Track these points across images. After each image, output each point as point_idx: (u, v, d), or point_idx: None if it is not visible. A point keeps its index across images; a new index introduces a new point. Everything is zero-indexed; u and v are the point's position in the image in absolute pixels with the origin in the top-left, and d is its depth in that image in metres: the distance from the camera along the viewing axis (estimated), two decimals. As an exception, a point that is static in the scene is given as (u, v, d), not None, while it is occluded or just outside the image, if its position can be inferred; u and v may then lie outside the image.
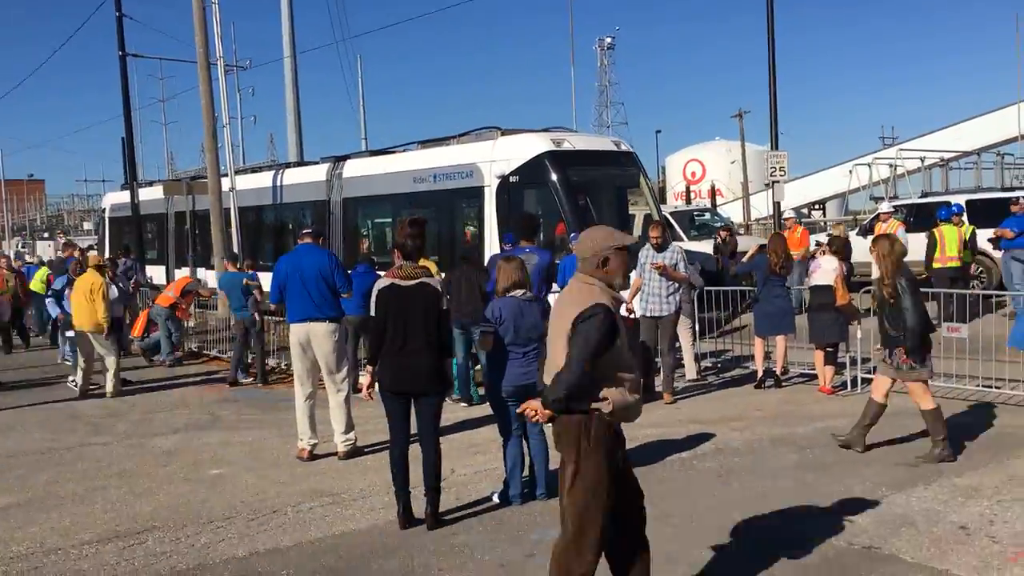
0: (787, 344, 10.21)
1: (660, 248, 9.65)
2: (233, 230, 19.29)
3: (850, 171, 30.43)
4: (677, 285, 9.59)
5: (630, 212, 15.79)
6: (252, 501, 6.56)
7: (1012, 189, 21.63)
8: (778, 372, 10.18)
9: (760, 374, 10.25)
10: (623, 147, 15.59)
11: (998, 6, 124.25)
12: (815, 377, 10.05)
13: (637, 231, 14.63)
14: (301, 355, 7.86)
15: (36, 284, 16.49)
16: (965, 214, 15.14)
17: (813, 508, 5.89)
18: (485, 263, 12.34)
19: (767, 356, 10.49)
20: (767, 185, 22.31)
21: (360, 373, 8.48)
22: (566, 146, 14.44)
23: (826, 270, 9.62)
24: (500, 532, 5.70)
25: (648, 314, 9.64)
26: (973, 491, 6.12)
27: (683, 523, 5.68)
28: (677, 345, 10.37)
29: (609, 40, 74.91)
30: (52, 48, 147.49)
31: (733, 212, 35.08)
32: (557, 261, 10.01)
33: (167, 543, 5.68)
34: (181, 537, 5.78)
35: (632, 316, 9.32)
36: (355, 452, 7.74)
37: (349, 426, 7.76)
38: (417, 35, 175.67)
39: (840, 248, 10.23)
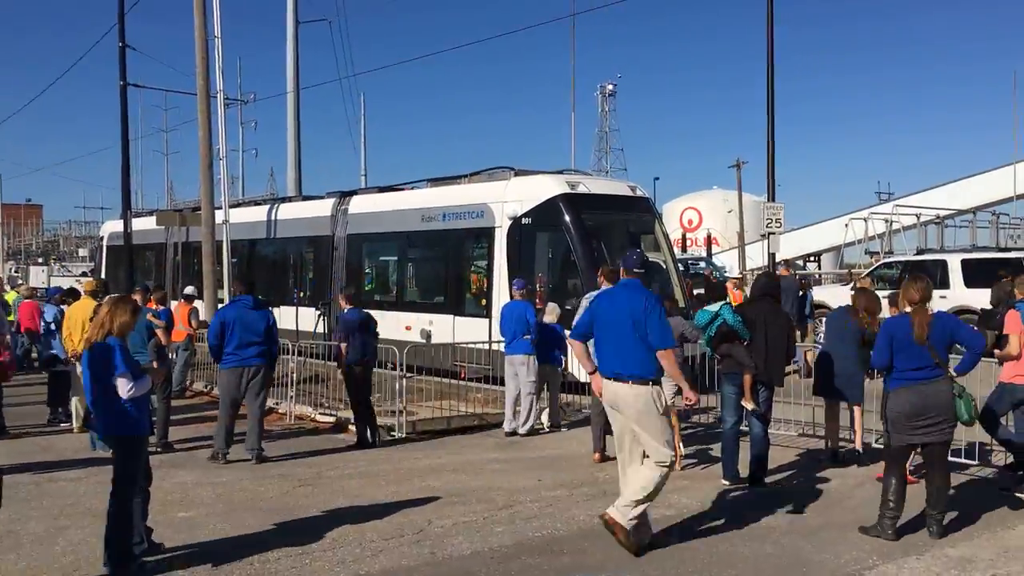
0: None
1: None
2: (224, 263, 19.12)
3: (846, 225, 30.52)
4: None
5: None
6: (219, 546, 6.30)
7: (1007, 249, 21.65)
8: (858, 446, 8.96)
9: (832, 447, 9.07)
10: (639, 192, 15.46)
11: (998, 63, 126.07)
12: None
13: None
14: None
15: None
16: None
17: (800, 576, 5.67)
18: (494, 307, 12.14)
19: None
20: (763, 235, 22.29)
21: None
22: (581, 189, 14.28)
23: None
24: None
25: None
26: (967, 563, 5.91)
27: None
28: None
29: (611, 87, 75.50)
30: (56, 73, 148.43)
31: (728, 261, 35.07)
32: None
33: (125, 592, 5.44)
34: (140, 586, 5.53)
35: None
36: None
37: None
38: (419, 75, 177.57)
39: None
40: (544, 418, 11.18)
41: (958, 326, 6.82)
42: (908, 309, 6.62)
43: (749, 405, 8.00)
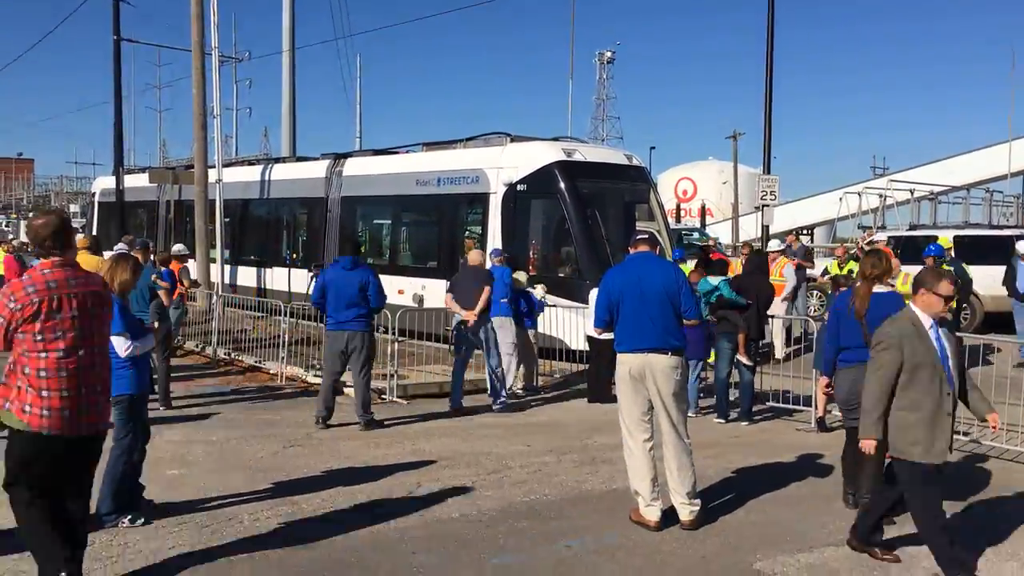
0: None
1: None
2: (217, 223, 19.06)
3: (840, 199, 30.51)
4: None
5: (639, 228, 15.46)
6: (209, 504, 6.35)
7: (1000, 227, 21.69)
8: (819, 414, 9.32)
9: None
10: (635, 161, 15.41)
11: (997, 40, 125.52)
12: (792, 412, 9.95)
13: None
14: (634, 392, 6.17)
15: None
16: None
17: (784, 546, 5.74)
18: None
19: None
20: (757, 207, 22.32)
21: None
22: (577, 156, 14.24)
23: None
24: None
25: None
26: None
27: (649, 554, 5.54)
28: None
29: (609, 54, 75.10)
30: (49, 26, 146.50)
31: (722, 233, 35.10)
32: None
33: (114, 547, 5.47)
34: (129, 542, 5.56)
35: None
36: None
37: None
38: (417, 38, 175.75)
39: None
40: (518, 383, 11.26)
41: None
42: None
43: (744, 358, 9.56)
